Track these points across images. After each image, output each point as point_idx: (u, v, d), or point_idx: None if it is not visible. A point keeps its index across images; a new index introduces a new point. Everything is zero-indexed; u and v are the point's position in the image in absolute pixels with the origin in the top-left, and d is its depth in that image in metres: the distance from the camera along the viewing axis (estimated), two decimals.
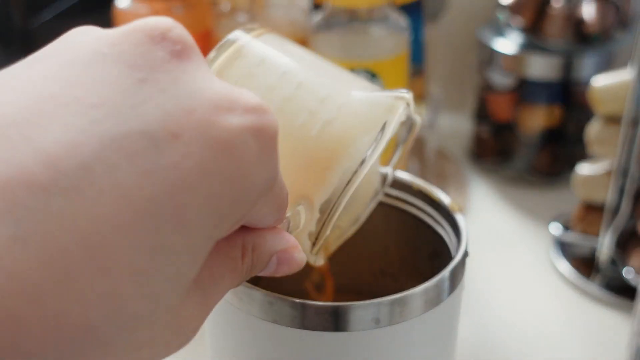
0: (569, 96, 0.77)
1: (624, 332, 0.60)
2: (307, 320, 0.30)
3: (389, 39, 0.62)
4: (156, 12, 0.64)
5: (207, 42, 0.67)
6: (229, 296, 0.31)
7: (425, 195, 0.36)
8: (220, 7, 0.65)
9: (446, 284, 0.31)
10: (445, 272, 0.31)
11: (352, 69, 0.61)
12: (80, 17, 0.75)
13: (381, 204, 0.38)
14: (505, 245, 0.72)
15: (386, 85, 0.61)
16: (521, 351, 0.59)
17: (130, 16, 0.65)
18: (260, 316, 0.30)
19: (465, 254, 0.33)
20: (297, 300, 0.30)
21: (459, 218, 0.35)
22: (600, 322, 0.62)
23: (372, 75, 0.61)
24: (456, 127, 0.90)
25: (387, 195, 0.38)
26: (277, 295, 0.30)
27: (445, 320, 0.32)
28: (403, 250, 0.39)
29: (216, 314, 0.33)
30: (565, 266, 0.68)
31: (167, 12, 0.65)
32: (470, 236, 0.73)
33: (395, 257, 0.40)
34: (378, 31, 0.61)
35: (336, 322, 0.29)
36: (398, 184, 0.37)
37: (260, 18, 0.64)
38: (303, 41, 0.64)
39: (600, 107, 0.64)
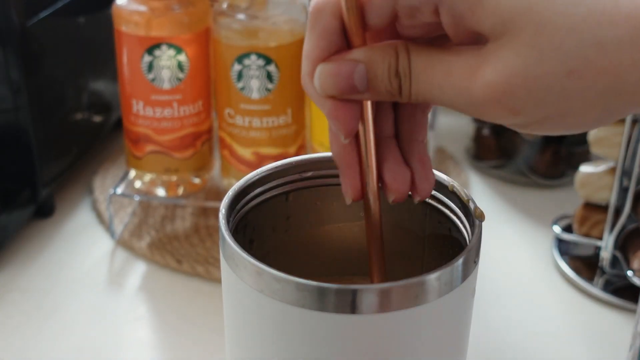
0: None
1: (626, 333, 0.59)
2: (321, 302, 0.30)
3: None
4: (155, 10, 0.64)
5: (205, 41, 0.67)
6: (242, 273, 0.32)
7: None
8: (219, 5, 0.65)
9: (460, 270, 0.32)
10: (459, 259, 0.31)
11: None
12: (78, 15, 0.74)
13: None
14: (506, 246, 0.72)
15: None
16: (523, 352, 0.59)
17: (129, 14, 0.64)
18: (273, 296, 0.31)
19: (480, 224, 0.34)
20: (311, 282, 0.30)
21: (459, 190, 0.36)
22: (602, 323, 0.62)
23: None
24: (456, 127, 0.90)
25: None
26: (289, 276, 0.31)
27: (458, 306, 0.33)
28: (433, 247, 0.39)
29: (231, 293, 0.34)
30: (567, 267, 0.67)
31: (166, 11, 0.64)
32: None
33: (427, 252, 0.40)
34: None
35: (352, 304, 0.30)
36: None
37: (259, 16, 0.63)
38: (302, 39, 0.64)
39: None
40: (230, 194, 0.36)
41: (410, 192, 0.35)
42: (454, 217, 0.36)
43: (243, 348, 0.34)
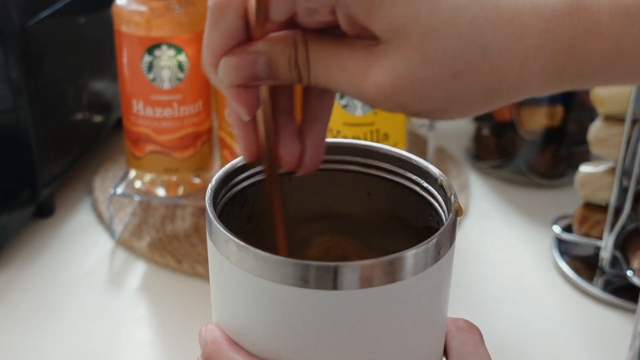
0: (570, 96, 0.77)
1: (626, 333, 0.59)
2: (302, 279, 0.31)
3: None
4: (155, 11, 0.64)
5: None
6: (223, 249, 0.33)
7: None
8: None
9: (436, 249, 0.33)
10: (432, 239, 0.32)
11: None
12: (79, 15, 0.74)
13: (382, 179, 0.39)
14: (506, 245, 0.72)
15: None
16: (523, 351, 0.59)
17: (129, 14, 0.64)
18: (253, 273, 0.32)
19: (455, 216, 0.35)
20: (292, 259, 0.31)
21: (446, 185, 0.36)
22: (602, 323, 0.62)
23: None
24: (456, 127, 0.90)
25: (383, 169, 0.39)
26: (267, 253, 0.31)
27: (435, 283, 0.34)
28: (425, 239, 0.39)
29: (215, 270, 0.35)
30: (567, 267, 0.67)
31: (166, 11, 0.64)
32: (472, 237, 0.73)
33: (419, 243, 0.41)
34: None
35: (334, 280, 0.31)
36: (391, 159, 0.38)
37: None
38: None
39: (602, 106, 0.63)
40: (226, 167, 0.37)
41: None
42: (441, 211, 0.37)
43: (225, 321, 0.35)
